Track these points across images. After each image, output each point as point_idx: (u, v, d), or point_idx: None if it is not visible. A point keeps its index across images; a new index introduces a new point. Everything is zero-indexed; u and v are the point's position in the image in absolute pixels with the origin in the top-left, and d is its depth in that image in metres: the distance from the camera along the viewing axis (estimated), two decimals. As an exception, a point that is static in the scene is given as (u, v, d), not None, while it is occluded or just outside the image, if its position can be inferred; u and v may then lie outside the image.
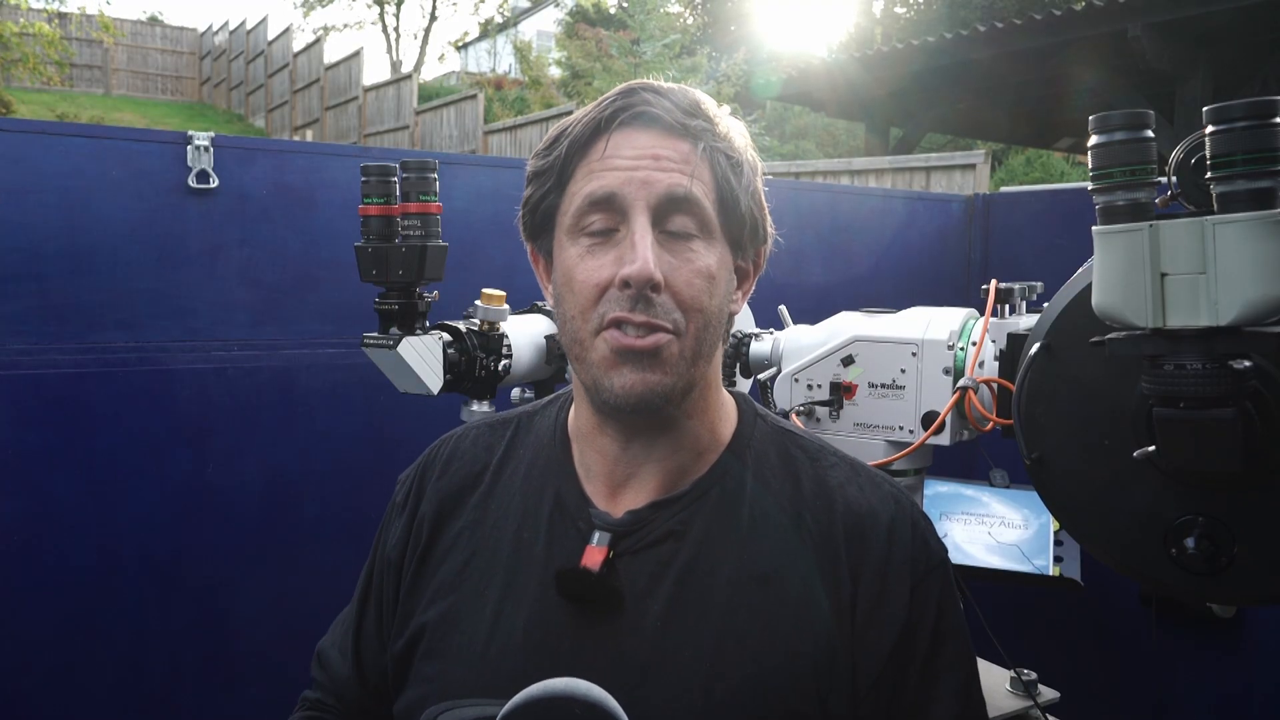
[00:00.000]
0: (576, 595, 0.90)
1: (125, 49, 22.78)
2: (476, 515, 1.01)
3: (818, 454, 1.00)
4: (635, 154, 0.90)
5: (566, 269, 0.91)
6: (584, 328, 0.90)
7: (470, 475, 1.03)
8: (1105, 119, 0.86)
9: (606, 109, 0.91)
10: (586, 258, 0.90)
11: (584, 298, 0.89)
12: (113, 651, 1.81)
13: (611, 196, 0.89)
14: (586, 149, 0.91)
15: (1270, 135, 0.79)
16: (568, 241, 0.92)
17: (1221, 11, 6.26)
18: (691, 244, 0.90)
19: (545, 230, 0.95)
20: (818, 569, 0.92)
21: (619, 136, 0.90)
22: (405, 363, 1.47)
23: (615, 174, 0.89)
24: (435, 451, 1.08)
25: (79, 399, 1.77)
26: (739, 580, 0.91)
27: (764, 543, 0.93)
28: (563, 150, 0.92)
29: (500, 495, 1.01)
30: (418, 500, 1.04)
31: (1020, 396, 1.04)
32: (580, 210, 0.90)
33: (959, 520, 2.29)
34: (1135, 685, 2.32)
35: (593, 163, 0.91)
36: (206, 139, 1.83)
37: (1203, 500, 0.92)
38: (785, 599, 0.90)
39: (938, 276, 2.73)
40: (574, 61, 15.96)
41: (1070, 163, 15.25)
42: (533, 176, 0.95)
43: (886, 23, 21.92)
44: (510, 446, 1.05)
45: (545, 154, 0.94)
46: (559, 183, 0.92)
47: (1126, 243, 0.84)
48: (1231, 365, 0.82)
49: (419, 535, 1.02)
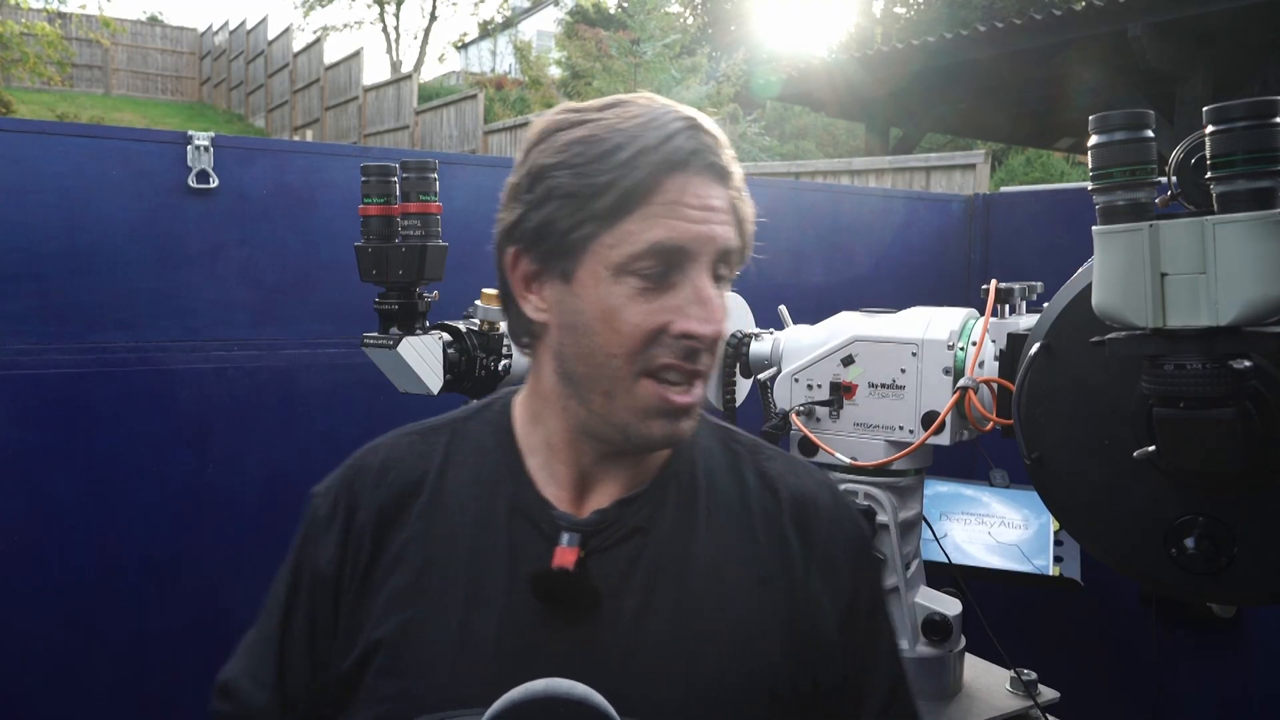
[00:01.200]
0: (554, 596, 0.90)
1: (125, 49, 22.78)
2: (424, 525, 0.97)
3: (755, 447, 1.06)
4: (701, 204, 0.88)
5: (608, 306, 0.88)
6: (625, 369, 0.89)
7: (409, 484, 0.99)
8: (1105, 119, 0.86)
9: (681, 147, 0.87)
10: (638, 300, 0.88)
11: (633, 341, 0.88)
12: (113, 651, 1.81)
13: (682, 250, 0.87)
14: (653, 189, 0.86)
15: (1270, 135, 0.79)
16: (608, 276, 0.88)
17: (1221, 11, 6.26)
18: (723, 290, 0.92)
19: (563, 253, 0.89)
20: (773, 554, 0.97)
21: (688, 181, 0.87)
22: (405, 363, 1.47)
23: (686, 225, 0.87)
24: (362, 461, 1.03)
25: (79, 399, 1.77)
26: (706, 571, 0.95)
27: (724, 533, 0.97)
28: (619, 182, 0.86)
29: (448, 503, 0.98)
30: (350, 512, 0.99)
31: (1020, 396, 1.04)
32: (640, 255, 0.86)
33: (959, 520, 2.30)
34: (1135, 685, 2.32)
35: (657, 206, 0.86)
36: (206, 139, 1.83)
37: (1203, 500, 0.93)
38: (750, 585, 0.95)
39: (938, 276, 2.73)
40: (574, 61, 15.96)
41: (1070, 163, 15.25)
42: (563, 195, 0.88)
43: (886, 23, 21.92)
44: (449, 453, 1.01)
45: (583, 174, 0.87)
46: (610, 215, 0.86)
47: (1126, 243, 0.84)
48: (1231, 365, 0.82)
49: (359, 547, 0.97)
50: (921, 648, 1.32)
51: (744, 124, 15.30)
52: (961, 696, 1.34)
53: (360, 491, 1.00)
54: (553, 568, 0.91)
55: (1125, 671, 2.34)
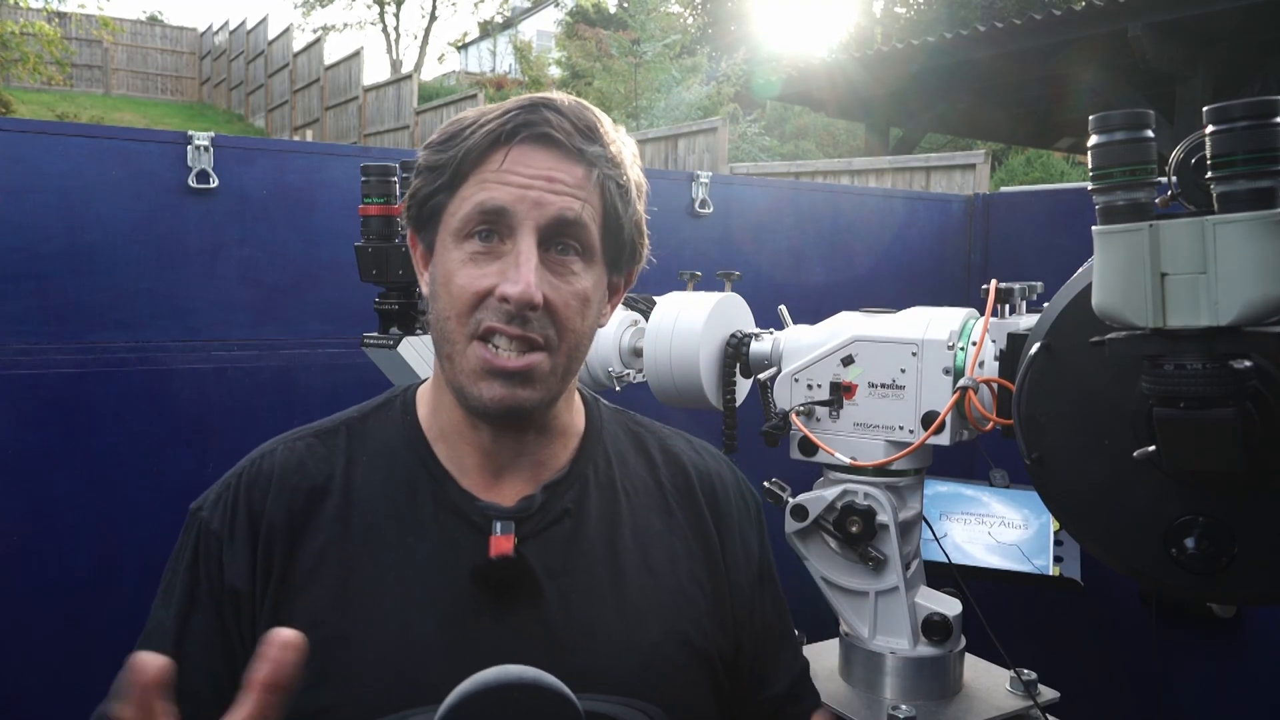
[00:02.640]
0: (498, 585, 0.92)
1: (125, 49, 22.78)
2: (339, 529, 0.95)
3: (654, 427, 1.14)
4: (531, 173, 0.92)
5: (447, 270, 0.93)
6: (458, 331, 0.93)
7: (314, 488, 0.97)
8: (1105, 119, 0.86)
9: (509, 122, 0.92)
10: (469, 264, 0.92)
11: (461, 303, 0.92)
12: (113, 651, 1.80)
13: (502, 211, 0.91)
14: (483, 158, 0.92)
15: (1270, 135, 0.79)
16: (451, 243, 0.94)
17: (1221, 11, 6.27)
18: (573, 266, 0.95)
19: (429, 224, 0.97)
20: (690, 528, 1.06)
21: (517, 152, 0.92)
22: (405, 362, 1.47)
23: (509, 190, 0.91)
24: (255, 469, 0.99)
25: (79, 399, 1.77)
26: (634, 547, 1.01)
27: (645, 511, 1.04)
28: (459, 153, 0.93)
29: (362, 505, 0.96)
30: (252, 522, 0.95)
31: (1020, 396, 1.04)
32: (469, 217, 0.92)
33: (959, 520, 2.30)
34: (1135, 685, 2.32)
35: (487, 173, 0.92)
36: (206, 139, 1.83)
37: (1203, 500, 0.92)
38: (675, 558, 1.03)
39: (938, 276, 2.73)
40: (574, 61, 15.98)
41: (1070, 163, 15.25)
42: (424, 169, 0.96)
43: (886, 23, 21.92)
44: (351, 454, 1.00)
45: (440, 149, 0.95)
46: (450, 184, 0.94)
47: (1126, 243, 0.84)
48: (1232, 365, 0.82)
49: (268, 557, 0.94)
50: (921, 648, 1.32)
51: (744, 124, 15.30)
52: (961, 696, 1.34)
53: (260, 499, 0.96)
54: (493, 557, 0.92)
55: (1125, 671, 2.34)
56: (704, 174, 2.35)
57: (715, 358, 1.45)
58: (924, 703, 1.30)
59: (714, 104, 14.12)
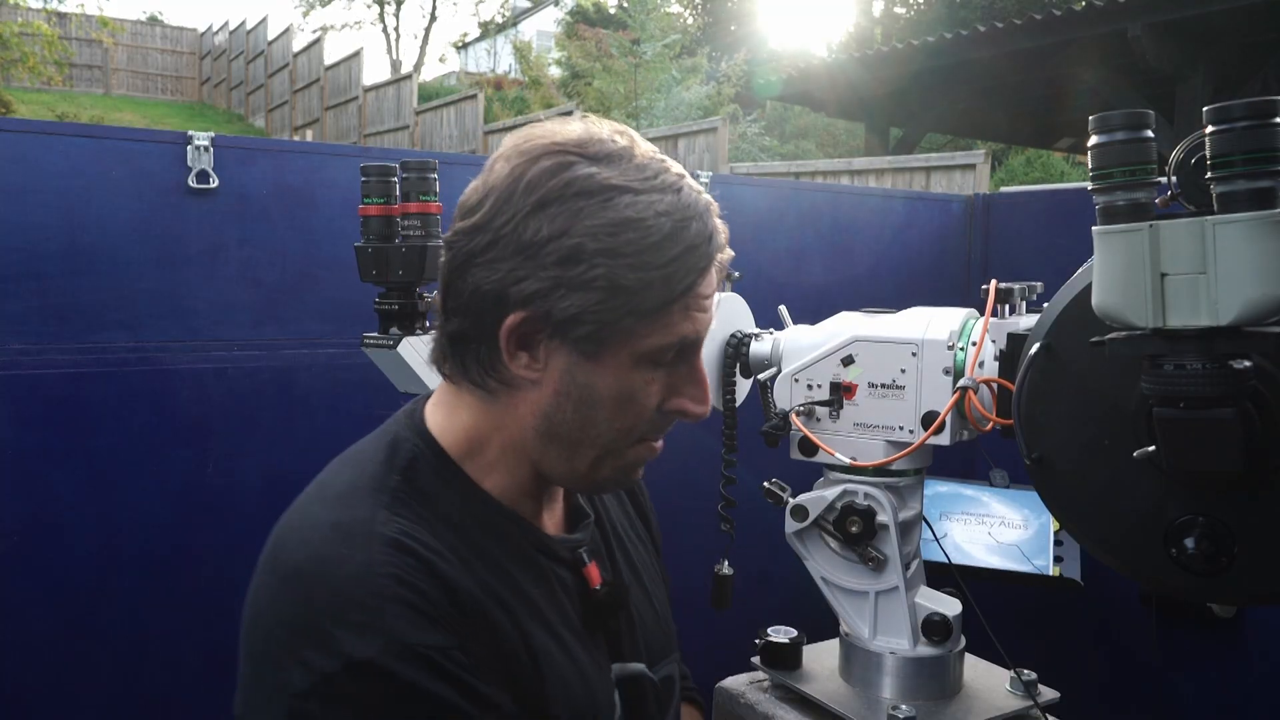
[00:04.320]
0: (610, 607, 1.01)
1: (125, 49, 22.78)
2: (495, 580, 0.90)
3: None
4: (710, 296, 0.92)
5: (627, 390, 0.90)
6: (624, 439, 0.93)
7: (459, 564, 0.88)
8: (1105, 119, 0.86)
9: (711, 244, 0.89)
10: (650, 385, 0.91)
11: (639, 420, 0.92)
12: (113, 651, 1.81)
13: (698, 339, 0.92)
14: (692, 288, 0.88)
15: (1270, 135, 0.79)
16: (631, 362, 0.88)
17: (1221, 11, 6.27)
18: None
19: (593, 339, 0.87)
20: (630, 504, 1.19)
21: (708, 275, 0.90)
22: (405, 363, 1.47)
23: (703, 317, 0.91)
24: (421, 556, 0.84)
25: (79, 399, 1.77)
26: (624, 535, 1.13)
27: (609, 503, 1.14)
28: (667, 278, 0.86)
29: (488, 571, 0.90)
30: (478, 601, 0.86)
31: (1020, 396, 1.04)
32: (670, 347, 0.89)
33: (959, 520, 2.30)
34: (1135, 685, 2.32)
35: (690, 301, 0.88)
36: (206, 139, 1.83)
37: (1203, 500, 0.92)
38: (640, 534, 1.18)
39: (938, 276, 2.73)
40: (574, 61, 15.97)
41: (1070, 163, 15.25)
42: (610, 287, 0.84)
43: (886, 23, 21.92)
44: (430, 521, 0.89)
45: (635, 266, 0.84)
46: (653, 310, 0.86)
47: (1126, 243, 0.84)
48: (1231, 365, 0.82)
49: (502, 621, 0.88)
50: (921, 648, 1.32)
51: (744, 124, 15.29)
52: (961, 696, 1.34)
53: (456, 589, 0.84)
54: (598, 587, 1.01)
55: (1125, 671, 2.34)
56: (704, 174, 2.35)
57: (715, 358, 1.45)
58: (924, 703, 1.30)
59: (714, 104, 14.12)
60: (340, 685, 0.76)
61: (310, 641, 0.78)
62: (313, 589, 0.81)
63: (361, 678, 0.76)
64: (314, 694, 0.76)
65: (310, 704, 0.76)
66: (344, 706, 0.76)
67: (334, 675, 0.76)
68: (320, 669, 0.76)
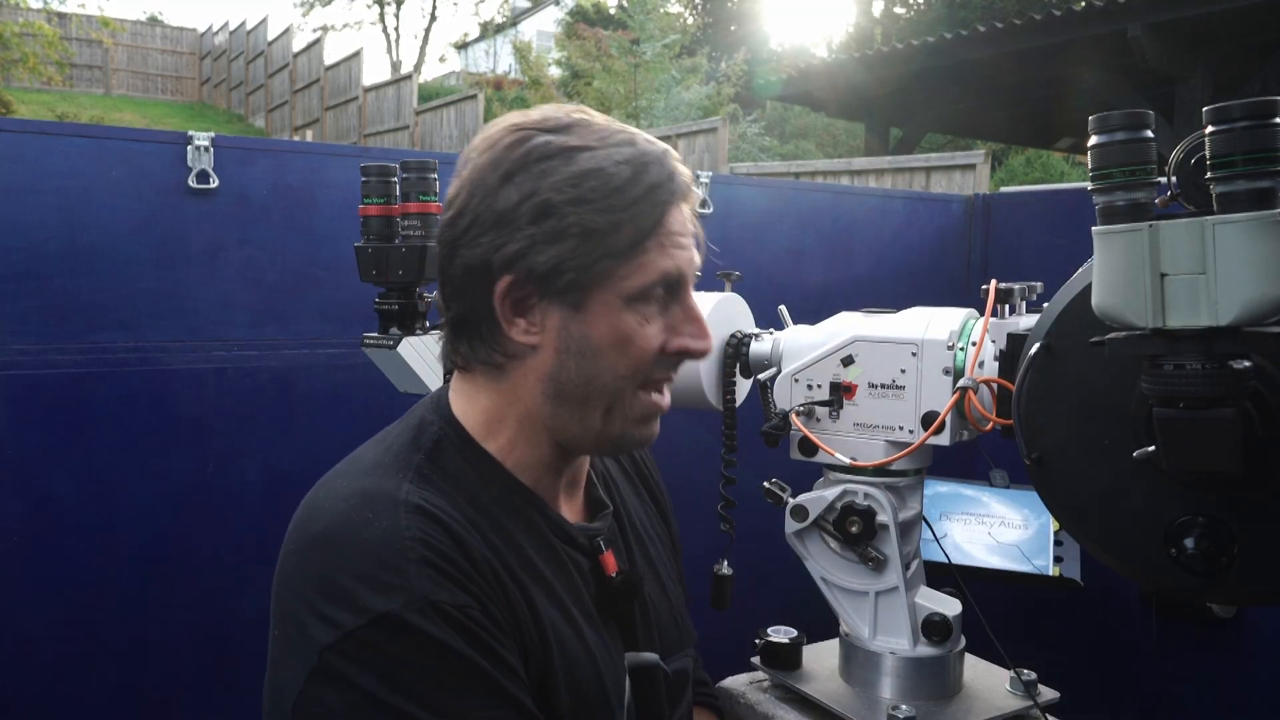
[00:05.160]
0: (624, 596, 1.03)
1: (125, 49, 22.78)
2: (512, 558, 0.93)
3: None
4: (688, 232, 0.97)
5: (624, 332, 0.94)
6: (629, 386, 0.96)
7: (479, 536, 0.91)
8: (1105, 119, 0.86)
9: (678, 182, 0.94)
10: (646, 325, 0.95)
11: (642, 362, 0.95)
12: (113, 651, 1.81)
13: (682, 275, 0.96)
14: (662, 223, 0.93)
15: (1270, 135, 0.79)
16: (621, 304, 0.93)
17: (1221, 11, 6.27)
18: None
19: (577, 285, 0.92)
20: (647, 496, 1.22)
21: (681, 210, 0.95)
22: (405, 363, 1.47)
23: (684, 253, 0.96)
24: (444, 523, 0.87)
25: (79, 399, 1.77)
26: (642, 528, 1.15)
27: (628, 494, 1.17)
28: (634, 217, 0.91)
29: (506, 548, 0.94)
30: (495, 570, 0.89)
31: (1020, 396, 1.04)
32: (653, 284, 0.94)
33: (959, 520, 2.29)
34: (1135, 685, 2.32)
35: (663, 238, 0.93)
36: (206, 139, 1.83)
37: (1203, 500, 0.92)
38: (656, 526, 1.20)
39: (938, 276, 2.73)
40: (574, 61, 15.97)
41: (1070, 163, 15.25)
42: (581, 233, 0.89)
43: (886, 23, 21.92)
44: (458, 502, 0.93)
45: (601, 211, 0.90)
46: (627, 250, 0.91)
47: (1126, 243, 0.84)
48: (1231, 365, 0.82)
49: (515, 595, 0.91)
50: (921, 648, 1.32)
51: (744, 124, 15.30)
52: (961, 696, 1.34)
53: (475, 554, 0.88)
54: (613, 575, 1.02)
55: (1125, 671, 2.34)
56: (704, 174, 2.35)
57: (715, 358, 1.45)
58: (924, 703, 1.30)
59: (714, 104, 14.12)
60: (363, 638, 0.79)
61: (335, 599, 0.81)
62: (338, 551, 0.84)
63: (384, 631, 0.79)
64: (337, 648, 0.79)
65: (334, 658, 0.79)
66: (367, 659, 0.79)
67: (357, 630, 0.79)
68: (344, 624, 0.79)
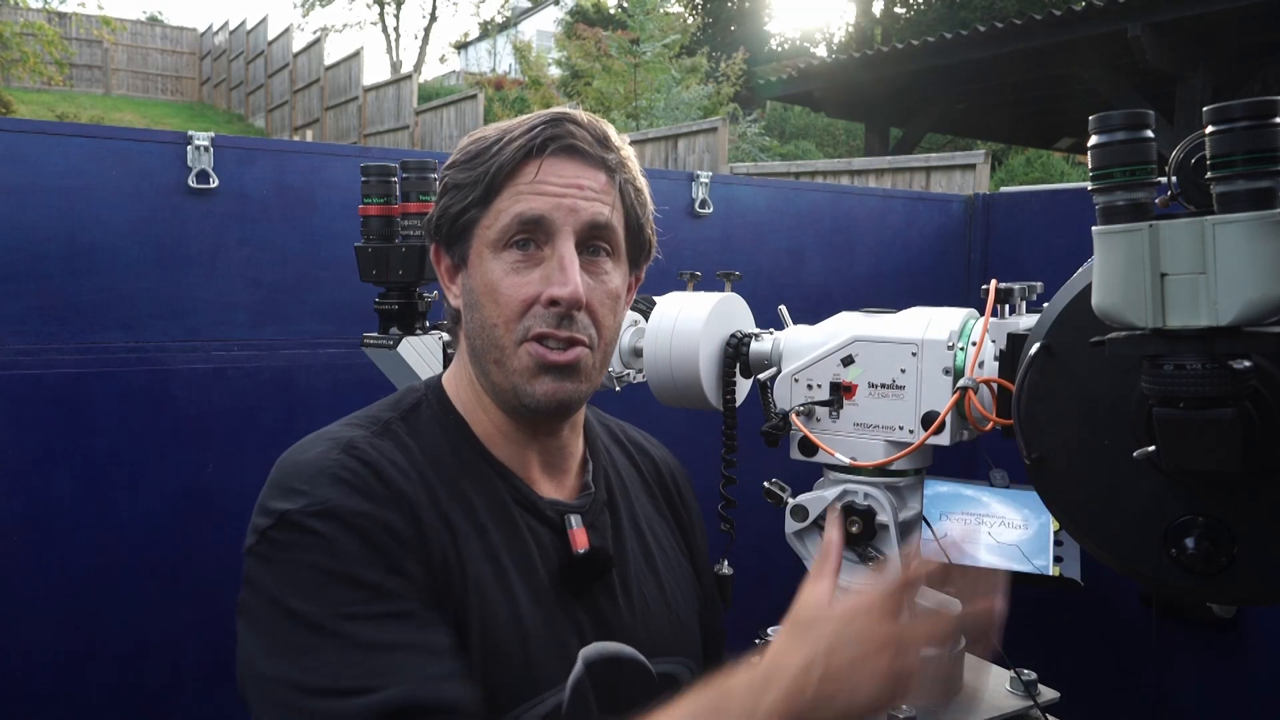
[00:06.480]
0: (589, 576, 1.01)
1: (125, 49, 22.78)
2: (457, 518, 0.96)
3: (613, 419, 1.25)
4: (563, 182, 0.98)
5: (490, 281, 0.99)
6: (506, 337, 0.98)
7: (422, 478, 0.97)
8: (1105, 119, 0.86)
9: (537, 136, 0.98)
10: (512, 273, 0.98)
11: (509, 310, 0.98)
12: (113, 651, 1.81)
13: (541, 219, 0.97)
14: (516, 171, 0.98)
15: (1270, 135, 0.79)
16: (489, 254, 0.99)
17: (1221, 11, 6.28)
18: (604, 266, 1.02)
19: (461, 239, 1.01)
20: (665, 506, 1.21)
21: (548, 163, 0.98)
22: (405, 363, 1.47)
23: (545, 199, 0.97)
24: (366, 457, 0.94)
25: (79, 399, 1.77)
26: (647, 528, 1.15)
27: (640, 496, 1.17)
28: (490, 168, 0.98)
29: (461, 500, 0.98)
30: (404, 499, 0.93)
31: (1020, 396, 1.04)
32: (508, 228, 0.97)
33: (959, 520, 2.29)
34: (1135, 685, 2.32)
35: (521, 185, 0.98)
36: (206, 139, 1.83)
37: (1203, 500, 0.92)
38: (669, 534, 1.19)
39: (938, 276, 2.73)
40: (574, 61, 15.95)
41: (1070, 163, 15.25)
42: (451, 187, 1.01)
43: (886, 23, 21.90)
44: (416, 455, 0.99)
45: (467, 167, 1.00)
46: (484, 198, 0.98)
47: (1126, 243, 0.84)
48: (1231, 365, 0.82)
49: (440, 530, 0.94)
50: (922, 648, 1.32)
51: (744, 124, 15.29)
52: (961, 696, 1.34)
53: (392, 482, 0.93)
54: (579, 551, 1.01)
55: (1125, 671, 2.34)
56: (704, 174, 2.35)
57: (715, 358, 1.45)
58: (924, 703, 1.30)
59: (714, 104, 14.12)
60: (269, 537, 0.90)
61: (260, 512, 0.93)
62: (275, 477, 0.96)
63: (284, 529, 0.89)
64: (252, 550, 0.92)
65: (249, 558, 0.93)
66: (269, 556, 0.90)
67: (266, 530, 0.90)
68: (259, 527, 0.91)
